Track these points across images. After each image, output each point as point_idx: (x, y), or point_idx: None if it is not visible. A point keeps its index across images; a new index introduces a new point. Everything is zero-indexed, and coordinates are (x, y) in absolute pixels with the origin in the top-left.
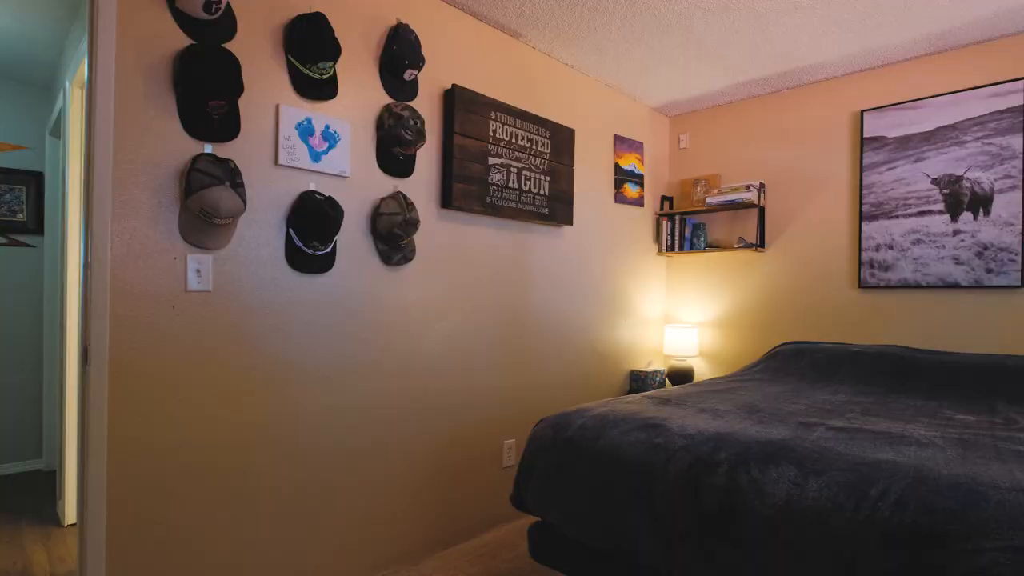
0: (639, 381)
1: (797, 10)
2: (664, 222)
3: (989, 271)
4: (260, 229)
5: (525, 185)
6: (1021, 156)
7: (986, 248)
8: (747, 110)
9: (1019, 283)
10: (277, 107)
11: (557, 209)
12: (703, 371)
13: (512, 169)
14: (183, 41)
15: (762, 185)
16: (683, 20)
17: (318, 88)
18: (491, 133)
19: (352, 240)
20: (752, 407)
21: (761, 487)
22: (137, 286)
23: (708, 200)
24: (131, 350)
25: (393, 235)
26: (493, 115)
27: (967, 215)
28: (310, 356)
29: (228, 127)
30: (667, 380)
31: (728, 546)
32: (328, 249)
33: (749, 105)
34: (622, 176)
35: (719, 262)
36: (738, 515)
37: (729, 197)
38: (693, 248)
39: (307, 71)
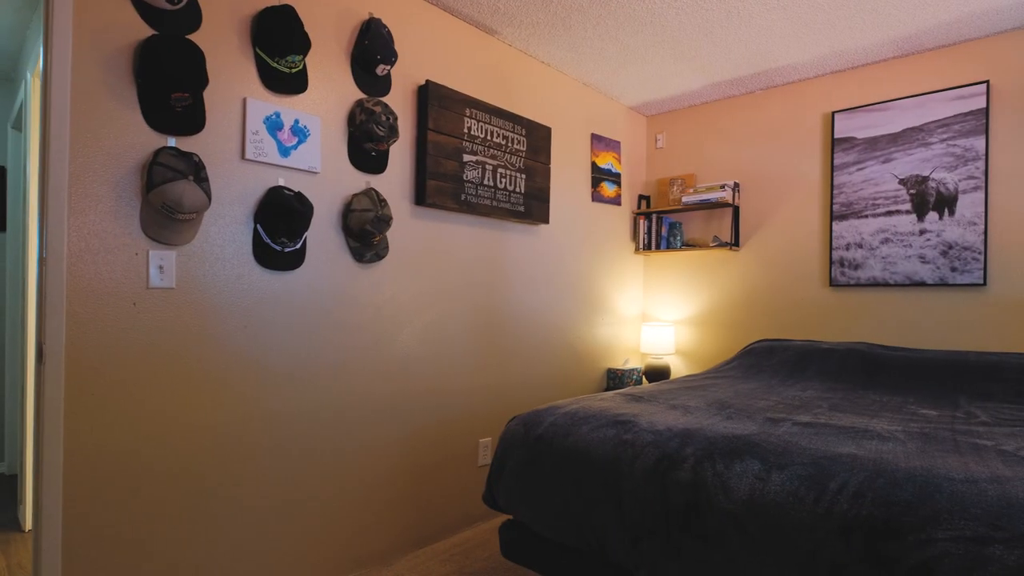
0: (616, 379)
1: (768, 10)
2: (641, 221)
3: (954, 269)
4: (226, 225)
5: (501, 183)
6: (984, 157)
7: (951, 247)
8: (722, 110)
9: (982, 281)
10: (244, 100)
11: (533, 207)
12: (679, 368)
13: (487, 166)
14: (145, 31)
15: (737, 185)
16: (656, 18)
17: (287, 82)
18: (466, 130)
19: (323, 237)
20: (722, 403)
21: (726, 482)
22: (95, 282)
23: (684, 199)
24: (89, 348)
25: (365, 232)
26: (468, 112)
27: (933, 215)
28: (279, 355)
29: (192, 120)
30: (644, 378)
31: (694, 541)
32: (297, 246)
33: (724, 105)
34: (599, 175)
35: (695, 261)
36: (703, 510)
37: (704, 196)
38: (670, 247)
39: (276, 65)
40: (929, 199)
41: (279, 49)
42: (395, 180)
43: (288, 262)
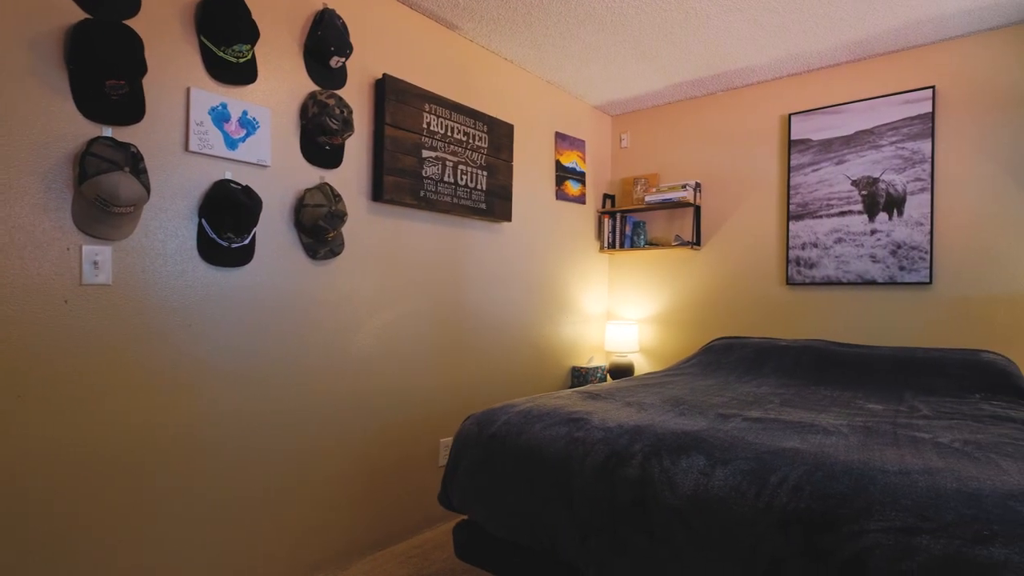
0: (580, 377)
1: (725, 12)
2: (606, 220)
3: (902, 268)
4: (168, 219)
5: (461, 179)
6: (930, 160)
7: (900, 247)
8: (684, 111)
9: (928, 280)
10: (188, 90)
11: (495, 205)
12: (643, 366)
13: (448, 163)
14: (78, 15)
15: (698, 184)
16: (616, 17)
17: (234, 72)
18: (425, 125)
19: (274, 232)
20: (677, 400)
21: (671, 477)
22: (22, 278)
23: (647, 199)
24: (16, 348)
25: (318, 228)
26: (427, 107)
27: (883, 215)
28: (229, 355)
29: (130, 109)
30: (608, 375)
31: (641, 537)
32: (246, 241)
33: (686, 106)
34: (563, 173)
35: (658, 259)
36: (650, 506)
37: (667, 196)
38: (634, 246)
39: (222, 54)
40: (879, 200)
41: (225, 37)
42: (351, 175)
43: (236, 258)
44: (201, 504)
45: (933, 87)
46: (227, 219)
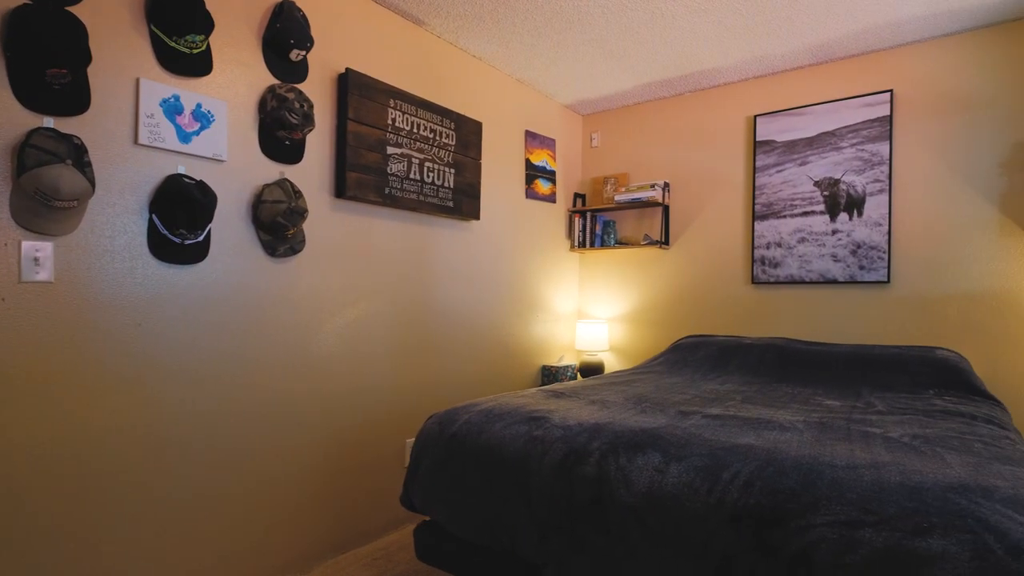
0: (551, 376)
1: (691, 13)
2: (576, 219)
3: (862, 268)
4: (116, 214)
5: (428, 177)
6: (888, 162)
7: (859, 246)
8: (654, 111)
9: (886, 279)
10: (137, 81)
11: (463, 203)
12: (613, 364)
13: (414, 160)
14: (15, 0)
15: (667, 184)
16: (583, 16)
17: (188, 63)
18: (390, 121)
19: (230, 229)
20: (640, 398)
21: (627, 475)
22: None
23: (616, 198)
24: None
25: (277, 225)
26: (392, 103)
27: (843, 216)
28: (184, 353)
29: (73, 99)
30: (578, 374)
31: (598, 535)
32: (200, 238)
33: (655, 106)
34: (533, 172)
35: (628, 259)
36: (606, 503)
37: (636, 195)
38: (604, 245)
39: (174, 44)
40: (840, 201)
41: (177, 27)
42: (313, 171)
43: (189, 255)
44: (156, 505)
45: (891, 91)
46: (180, 215)
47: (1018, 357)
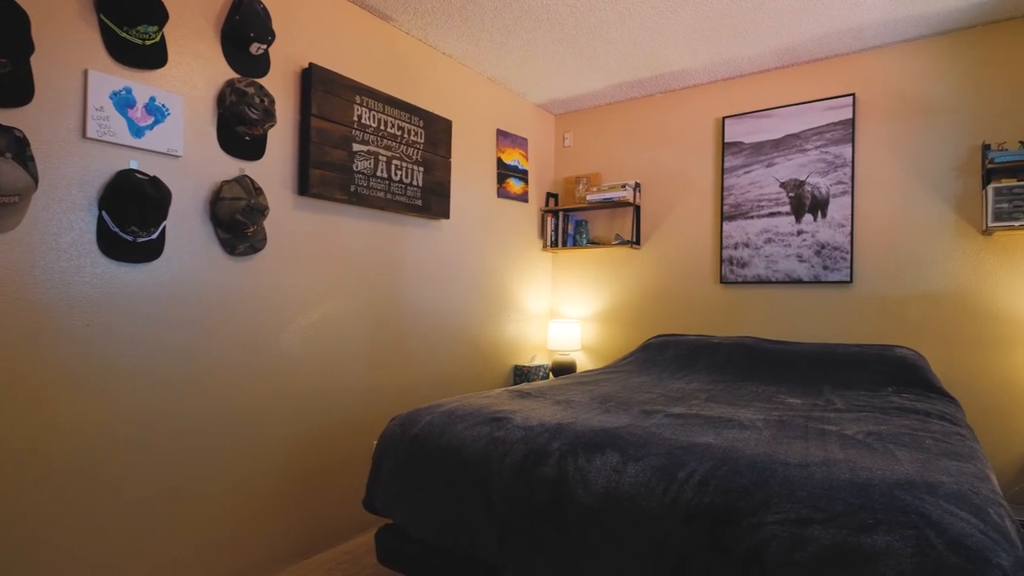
0: (523, 376)
1: (659, 14)
2: (549, 218)
3: (826, 268)
4: (63, 211)
5: (396, 175)
6: (851, 164)
7: (823, 247)
8: (625, 112)
9: (849, 279)
10: (85, 72)
11: (433, 201)
12: (585, 364)
13: (381, 157)
14: None
15: (638, 184)
16: (552, 15)
17: (141, 55)
18: (356, 118)
19: (187, 227)
20: (606, 397)
21: (585, 475)
22: None
23: (588, 198)
24: None
25: (236, 222)
26: (358, 99)
27: (808, 217)
28: (139, 354)
29: (14, 91)
30: (551, 374)
31: (557, 536)
32: (153, 236)
33: (627, 107)
34: (505, 171)
35: (600, 258)
36: (565, 504)
37: (607, 195)
38: (576, 244)
39: (125, 35)
40: (805, 202)
41: (128, 17)
42: (275, 168)
43: (142, 254)
44: (108, 512)
45: (853, 94)
46: (131, 212)
47: (973, 355)
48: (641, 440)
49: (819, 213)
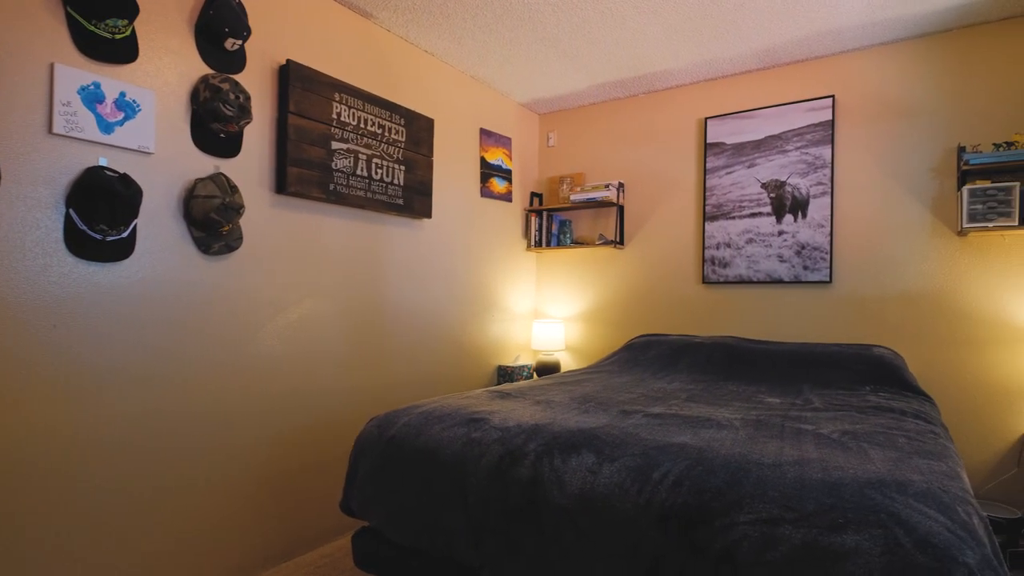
0: (507, 376)
1: (640, 14)
2: (533, 218)
3: (806, 268)
4: (27, 208)
5: (376, 174)
6: (830, 165)
7: (804, 247)
8: (609, 112)
9: (828, 279)
10: (51, 66)
11: (414, 200)
12: (569, 364)
13: (360, 156)
14: None
15: (621, 184)
16: (533, 14)
17: (110, 49)
18: (335, 116)
19: (159, 225)
20: (586, 398)
21: (561, 476)
22: None
23: (572, 197)
24: None
25: (210, 221)
26: (338, 97)
27: (789, 217)
28: (107, 355)
29: None
30: (535, 374)
31: (532, 537)
32: (124, 234)
33: (611, 107)
34: (488, 170)
35: (584, 258)
36: (540, 505)
37: (591, 195)
38: (560, 244)
39: (93, 28)
40: (786, 202)
41: (96, 10)
42: (251, 165)
43: (112, 253)
44: (77, 516)
45: (833, 96)
46: (100, 209)
47: (948, 354)
48: (617, 440)
49: (799, 214)
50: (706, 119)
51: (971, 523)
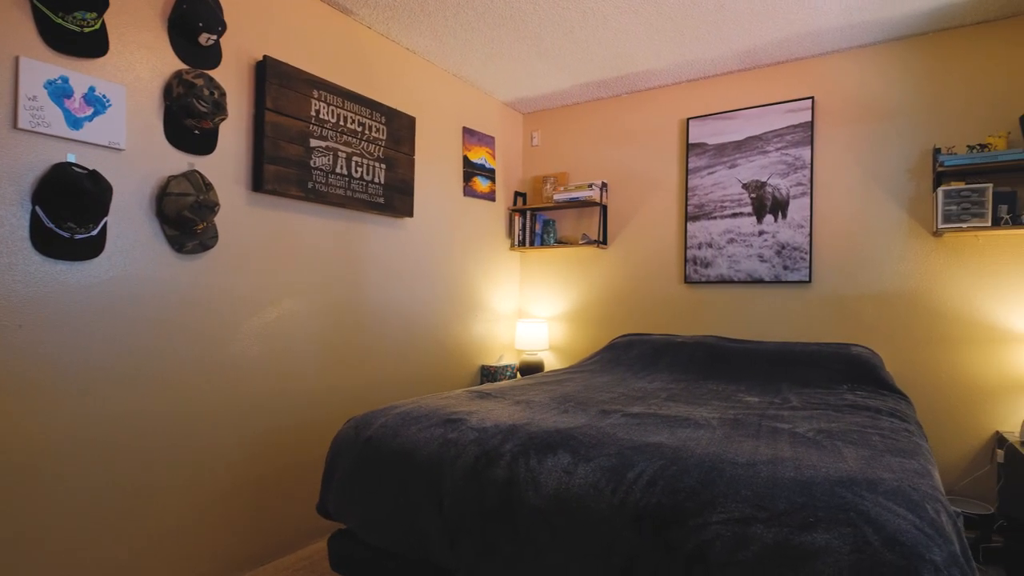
0: (490, 376)
1: (622, 13)
2: (516, 217)
3: (786, 268)
4: None
5: (356, 172)
6: (809, 166)
7: (784, 247)
8: (592, 111)
9: (808, 279)
10: (16, 59)
11: (395, 199)
12: (552, 364)
13: (340, 154)
14: None
15: (604, 184)
16: (515, 12)
17: (79, 42)
18: (313, 113)
19: (131, 223)
20: (566, 397)
21: (536, 477)
22: None
23: (555, 197)
24: None
25: (184, 219)
26: (316, 94)
27: (769, 217)
28: (76, 355)
29: None
30: (518, 374)
31: (507, 539)
32: (93, 232)
33: (594, 107)
34: (471, 169)
35: (567, 258)
36: (515, 506)
37: (574, 195)
38: (544, 244)
39: (61, 20)
40: (767, 203)
41: (63, 2)
42: (227, 163)
43: (81, 251)
44: (45, 511)
45: (812, 98)
46: (68, 207)
47: (924, 353)
48: (594, 440)
49: (779, 214)
50: (688, 119)
51: (939, 520)
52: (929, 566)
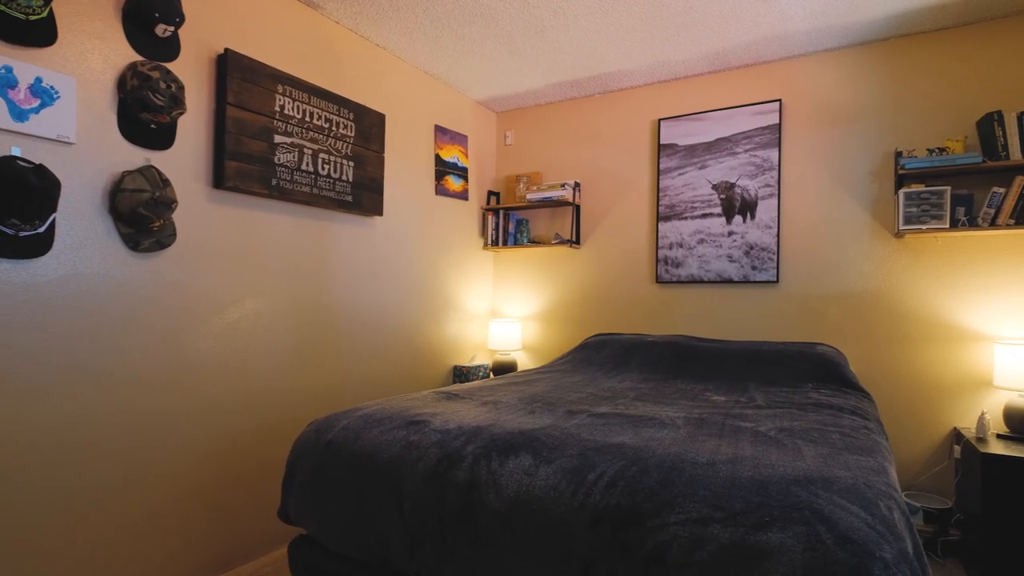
0: (463, 376)
1: (592, 13)
2: (490, 217)
3: (754, 268)
4: None
5: (323, 169)
6: (777, 168)
7: (752, 248)
8: (565, 111)
9: (775, 279)
10: None
11: (364, 197)
12: (525, 363)
13: (306, 150)
14: None
15: (577, 184)
16: (485, 10)
17: (23, 31)
18: (278, 108)
19: (82, 220)
20: (534, 398)
21: (497, 480)
22: None
23: (529, 196)
24: None
25: (138, 216)
26: (281, 89)
27: (738, 218)
28: (21, 357)
29: None
30: (491, 374)
31: (467, 542)
32: (40, 229)
33: (567, 107)
34: (444, 168)
35: (541, 258)
36: (476, 510)
37: (547, 194)
38: (517, 243)
39: (4, 7)
40: (736, 204)
41: None
42: (186, 158)
43: (26, 249)
44: None
45: (780, 100)
46: (12, 203)
47: (886, 352)
48: (557, 442)
49: (748, 215)
50: (660, 120)
51: (891, 518)
52: (879, 563)
